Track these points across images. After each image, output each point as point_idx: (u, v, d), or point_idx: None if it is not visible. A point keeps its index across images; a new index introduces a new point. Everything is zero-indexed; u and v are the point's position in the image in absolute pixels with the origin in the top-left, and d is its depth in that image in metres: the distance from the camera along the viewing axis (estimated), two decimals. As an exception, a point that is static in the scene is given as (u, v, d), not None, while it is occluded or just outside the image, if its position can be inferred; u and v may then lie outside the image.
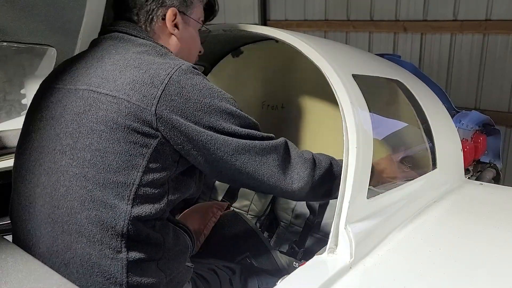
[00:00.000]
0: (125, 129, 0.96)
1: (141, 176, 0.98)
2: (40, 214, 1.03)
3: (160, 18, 1.16)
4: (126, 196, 0.97)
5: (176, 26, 1.18)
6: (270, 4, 5.21)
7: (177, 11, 1.17)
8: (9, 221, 1.48)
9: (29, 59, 2.09)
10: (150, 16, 1.15)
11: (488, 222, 1.42)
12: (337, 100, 1.21)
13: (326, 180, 1.17)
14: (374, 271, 1.09)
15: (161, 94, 0.96)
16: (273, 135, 1.12)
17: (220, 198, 2.23)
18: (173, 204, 1.09)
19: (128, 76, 0.98)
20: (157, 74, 0.98)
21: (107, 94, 0.98)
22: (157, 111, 0.96)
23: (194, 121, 0.99)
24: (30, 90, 2.18)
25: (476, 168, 2.46)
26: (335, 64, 1.29)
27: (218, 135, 1.01)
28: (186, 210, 1.69)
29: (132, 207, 0.98)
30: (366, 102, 1.28)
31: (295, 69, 1.83)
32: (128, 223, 0.98)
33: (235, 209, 2.15)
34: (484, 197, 1.72)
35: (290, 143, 1.15)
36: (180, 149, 1.01)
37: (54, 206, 1.01)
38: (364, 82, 1.34)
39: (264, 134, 1.09)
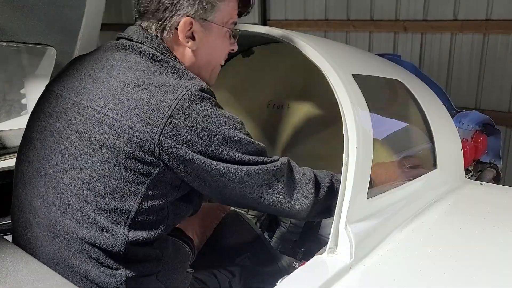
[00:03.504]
0: (126, 156, 0.93)
1: (139, 203, 0.95)
2: (39, 226, 1.02)
3: (174, 28, 1.06)
4: (123, 222, 0.96)
5: (192, 36, 1.08)
6: (270, 4, 5.21)
7: (193, 20, 1.06)
8: (9, 221, 1.48)
9: (29, 59, 2.09)
10: (163, 25, 1.06)
11: (488, 222, 1.42)
12: (337, 100, 1.21)
13: (329, 197, 1.14)
14: (374, 271, 1.09)
15: (166, 121, 0.92)
16: (277, 157, 1.08)
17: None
18: (173, 226, 1.07)
19: (134, 99, 0.94)
20: (164, 99, 0.93)
21: (111, 117, 0.94)
22: (160, 140, 0.92)
23: (199, 150, 0.95)
24: (30, 90, 2.18)
25: (476, 168, 2.46)
26: (335, 64, 1.29)
27: (224, 164, 0.97)
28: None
29: (129, 231, 0.96)
30: (366, 102, 1.28)
31: (302, 70, 1.84)
32: (125, 246, 0.96)
33: (235, 209, 2.15)
34: (484, 197, 1.72)
35: (292, 163, 1.12)
36: (183, 177, 0.98)
37: (52, 221, 0.99)
38: (364, 82, 1.34)
39: (269, 158, 1.05)
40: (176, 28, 1.06)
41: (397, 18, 4.22)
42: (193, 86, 0.96)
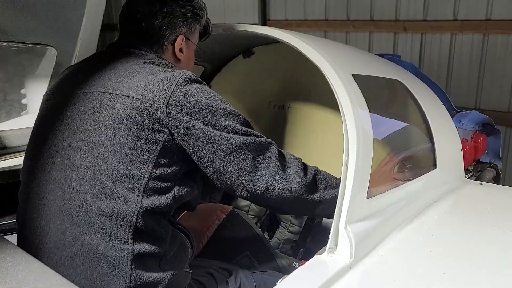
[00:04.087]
0: (138, 126, 1.05)
1: (151, 170, 1.06)
2: (50, 209, 1.09)
3: (170, 44, 1.29)
4: (137, 188, 1.05)
5: (181, 50, 1.31)
6: (270, 4, 5.22)
7: (184, 38, 1.30)
8: (9, 221, 1.48)
9: (29, 59, 2.09)
10: (163, 41, 1.27)
11: (488, 222, 1.43)
12: (337, 100, 1.21)
13: (318, 183, 1.19)
14: (374, 271, 1.09)
15: (171, 94, 1.07)
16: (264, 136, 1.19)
17: (219, 198, 2.23)
18: (179, 202, 1.14)
19: (140, 80, 1.10)
20: (166, 78, 1.10)
21: (122, 95, 1.08)
22: (167, 109, 1.06)
23: (199, 119, 1.08)
24: (30, 90, 2.18)
25: (476, 168, 2.46)
26: (335, 64, 1.29)
27: (221, 132, 1.09)
28: (187, 212, 1.68)
29: (142, 198, 1.05)
30: (366, 102, 1.28)
31: (303, 70, 1.84)
32: (137, 214, 1.04)
33: (235, 209, 2.15)
34: (484, 197, 1.72)
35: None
36: (185, 146, 1.09)
37: (65, 199, 1.07)
38: (364, 82, 1.34)
39: (259, 133, 1.17)
40: (172, 44, 1.29)
41: (397, 18, 4.22)
42: (187, 72, 1.15)
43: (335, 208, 1.13)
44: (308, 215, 1.71)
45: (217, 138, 1.09)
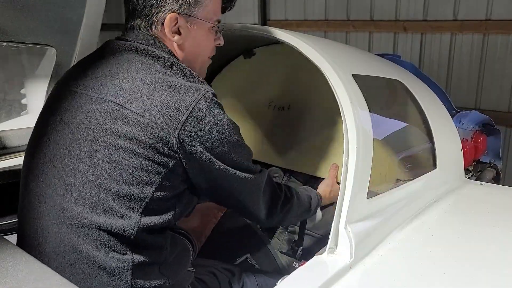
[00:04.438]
0: (147, 147, 0.99)
1: (153, 192, 1.01)
2: (49, 215, 1.05)
3: (160, 24, 1.11)
4: (136, 208, 1.00)
5: (178, 31, 1.13)
6: (270, 4, 5.21)
7: (178, 16, 1.11)
8: (9, 221, 1.48)
9: (29, 59, 2.09)
10: (150, 21, 1.11)
11: (488, 222, 1.43)
12: (337, 100, 1.21)
13: (292, 213, 1.31)
14: (374, 271, 1.09)
15: (186, 119, 1.00)
16: (258, 165, 1.20)
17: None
18: (179, 218, 1.13)
19: (156, 98, 1.01)
20: (183, 100, 1.01)
21: (134, 112, 1.00)
22: (180, 135, 0.99)
23: (209, 149, 1.03)
24: (30, 90, 2.18)
25: (476, 168, 2.46)
26: (335, 64, 1.29)
27: (227, 166, 1.07)
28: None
29: (141, 217, 1.01)
30: (366, 102, 1.28)
31: (303, 71, 1.84)
32: (136, 231, 1.01)
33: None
34: (484, 197, 1.72)
35: (270, 176, 1.25)
36: (190, 172, 1.05)
37: (64, 208, 1.03)
38: (364, 82, 1.34)
39: (257, 167, 1.18)
40: (163, 24, 1.11)
41: (397, 18, 4.22)
42: (208, 91, 1.05)
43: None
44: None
45: (222, 171, 1.07)
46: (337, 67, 1.28)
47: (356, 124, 1.17)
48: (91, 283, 1.01)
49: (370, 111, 1.29)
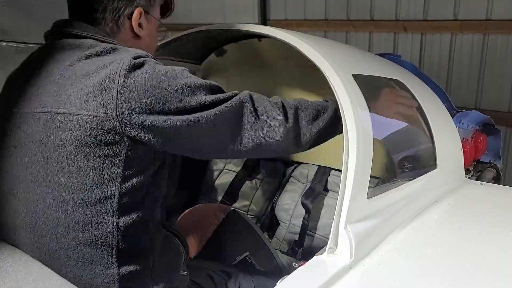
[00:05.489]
0: (92, 144, 0.92)
1: (120, 186, 0.96)
2: (25, 245, 1.01)
3: (126, 18, 1.13)
4: (110, 209, 0.96)
5: (140, 25, 1.16)
6: (270, 3, 5.21)
7: (143, 11, 1.14)
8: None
9: (29, 59, 2.09)
10: (117, 15, 1.10)
11: (488, 222, 1.42)
12: (337, 100, 1.21)
13: (302, 121, 1.15)
14: (374, 271, 1.09)
15: (117, 96, 0.92)
16: (237, 91, 1.09)
17: (220, 198, 2.22)
18: (157, 202, 1.08)
19: (80, 88, 0.94)
20: (106, 77, 0.93)
21: (64, 113, 0.93)
22: (118, 116, 0.92)
23: (158, 111, 0.94)
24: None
25: (476, 168, 2.46)
26: (335, 64, 1.29)
27: (188, 115, 0.97)
28: (186, 211, 1.68)
29: (118, 218, 0.97)
30: (366, 102, 1.28)
31: (281, 68, 1.83)
32: (117, 235, 0.97)
33: (235, 209, 2.15)
34: (484, 197, 1.72)
35: (255, 94, 1.13)
36: (154, 145, 0.97)
37: (37, 235, 0.98)
38: (364, 82, 1.34)
39: (229, 93, 1.06)
40: (129, 18, 1.13)
41: (397, 18, 4.21)
42: (128, 55, 0.98)
43: (331, 130, 1.16)
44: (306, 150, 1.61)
45: (185, 123, 0.96)
46: (337, 67, 1.28)
47: (356, 124, 1.16)
48: None
49: (370, 111, 1.28)
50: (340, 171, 1.14)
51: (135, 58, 0.97)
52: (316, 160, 1.80)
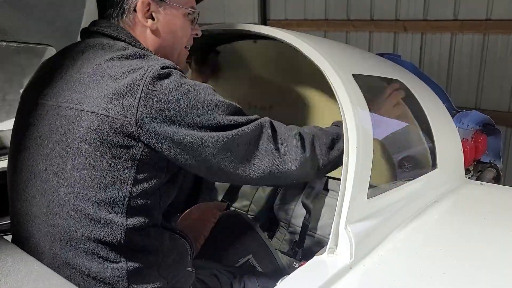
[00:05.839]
0: (108, 145, 0.94)
1: (131, 189, 0.97)
2: (38, 233, 1.03)
3: (132, 10, 1.09)
4: (119, 210, 0.98)
5: (152, 16, 1.10)
6: (270, 3, 5.22)
7: (150, 0, 1.09)
8: (9, 221, 1.48)
9: (29, 59, 2.08)
10: (121, 8, 1.08)
11: (488, 222, 1.42)
12: (337, 100, 1.21)
13: (319, 151, 1.13)
14: (374, 271, 1.09)
15: (139, 102, 0.93)
16: (257, 116, 1.08)
17: (220, 198, 2.23)
18: (165, 207, 1.09)
19: (105, 89, 0.95)
20: (132, 83, 0.94)
21: (87, 111, 0.95)
22: (137, 121, 0.93)
23: (175, 123, 0.95)
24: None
25: (476, 168, 2.46)
26: (335, 64, 1.29)
27: (204, 132, 0.97)
28: (185, 212, 1.68)
29: (126, 219, 0.98)
30: (366, 102, 1.28)
31: (280, 70, 1.82)
32: (125, 235, 0.99)
33: (235, 209, 2.15)
34: (484, 197, 1.72)
35: (275, 121, 1.11)
36: (166, 155, 0.98)
37: (50, 225, 1.01)
38: (364, 82, 1.34)
39: (249, 117, 1.05)
40: (135, 10, 1.08)
41: (397, 18, 4.22)
42: (156, 64, 0.97)
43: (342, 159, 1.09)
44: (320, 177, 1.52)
45: (200, 140, 0.96)
46: (337, 67, 1.28)
47: (356, 124, 1.16)
48: None
49: (370, 111, 1.28)
50: (338, 179, 1.14)
51: (162, 68, 0.97)
52: None
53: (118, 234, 0.98)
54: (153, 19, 1.11)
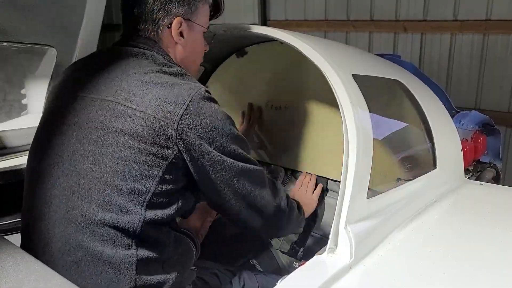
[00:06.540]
0: (147, 141, 1.03)
1: (156, 186, 1.05)
2: (54, 214, 1.08)
3: (166, 27, 1.19)
4: (141, 202, 1.04)
5: (181, 34, 1.22)
6: (270, 4, 5.21)
7: (183, 19, 1.20)
8: (9, 221, 1.47)
9: (29, 59, 2.09)
10: (157, 25, 1.19)
11: (488, 222, 1.43)
12: (337, 100, 1.22)
13: (294, 212, 1.35)
14: (374, 271, 1.09)
15: (183, 112, 1.05)
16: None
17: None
18: (181, 213, 1.16)
19: (154, 94, 1.06)
20: (180, 95, 1.06)
21: (134, 109, 1.05)
22: (178, 127, 1.04)
23: (207, 140, 1.08)
24: (30, 90, 2.18)
25: (476, 168, 2.47)
26: (335, 64, 1.29)
27: (225, 157, 1.10)
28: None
29: (145, 211, 1.05)
30: (366, 102, 1.29)
31: (299, 70, 1.84)
32: (141, 225, 1.05)
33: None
34: (484, 197, 1.72)
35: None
36: (190, 164, 1.08)
37: (69, 206, 1.06)
38: (364, 82, 1.34)
39: (254, 160, 1.20)
40: (169, 27, 1.20)
41: (397, 18, 4.22)
42: (202, 87, 1.11)
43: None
44: (277, 235, 1.76)
45: (221, 162, 1.10)
46: (337, 67, 1.28)
47: (356, 124, 1.17)
48: (97, 280, 1.04)
49: (370, 111, 1.29)
50: (338, 181, 1.14)
51: (207, 91, 1.12)
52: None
53: (136, 223, 1.04)
54: (182, 36, 1.22)
